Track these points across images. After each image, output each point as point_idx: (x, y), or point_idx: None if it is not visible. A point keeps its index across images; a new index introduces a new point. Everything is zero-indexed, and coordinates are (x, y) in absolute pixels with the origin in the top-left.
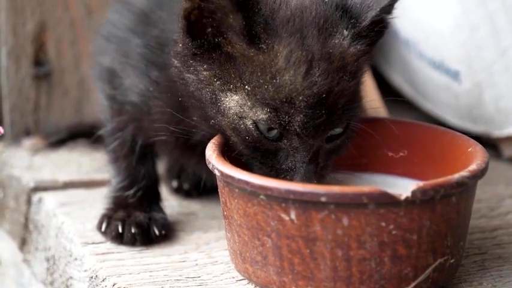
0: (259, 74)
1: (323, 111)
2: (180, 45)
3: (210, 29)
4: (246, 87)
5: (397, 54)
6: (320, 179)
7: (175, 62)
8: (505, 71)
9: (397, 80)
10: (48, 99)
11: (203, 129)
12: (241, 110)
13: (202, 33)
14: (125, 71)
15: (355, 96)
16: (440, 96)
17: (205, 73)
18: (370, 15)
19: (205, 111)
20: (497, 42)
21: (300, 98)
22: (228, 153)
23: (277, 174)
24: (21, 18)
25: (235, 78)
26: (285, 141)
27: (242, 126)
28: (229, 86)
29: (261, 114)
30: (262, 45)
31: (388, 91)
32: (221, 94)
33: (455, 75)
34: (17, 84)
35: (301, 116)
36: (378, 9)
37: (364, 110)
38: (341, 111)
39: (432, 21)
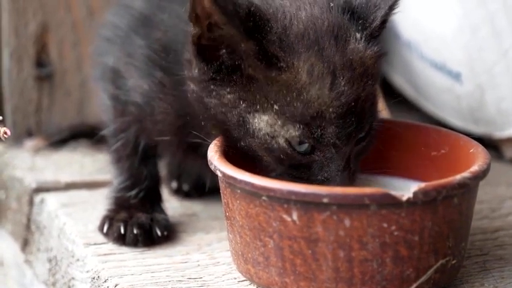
0: (285, 92)
1: (353, 119)
2: (196, 70)
3: (224, 53)
4: (275, 106)
5: (399, 55)
6: (353, 183)
7: (192, 85)
8: (507, 72)
9: (399, 81)
10: (50, 100)
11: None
12: (272, 130)
13: (216, 56)
14: (128, 71)
15: (374, 97)
16: (442, 98)
17: (229, 96)
18: (380, 14)
19: (230, 133)
20: (499, 43)
21: (330, 110)
22: (230, 154)
23: None
24: (23, 19)
25: (262, 99)
26: (318, 153)
27: (275, 145)
28: (256, 107)
29: (293, 132)
30: (282, 64)
31: (390, 92)
32: (248, 116)
33: (456, 76)
34: (19, 85)
35: (333, 127)
36: (387, 7)
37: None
38: (368, 115)
39: (433, 23)
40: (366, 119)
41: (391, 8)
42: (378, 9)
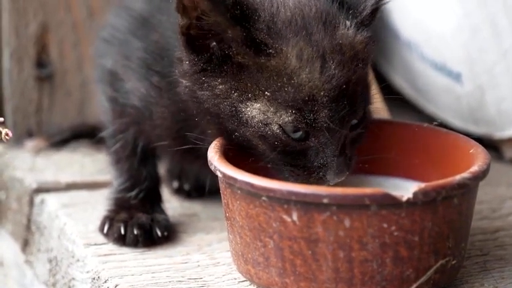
0: (275, 78)
1: (345, 102)
2: (187, 62)
3: (214, 43)
4: (266, 93)
5: (399, 56)
6: (350, 169)
7: (184, 81)
8: (507, 72)
9: (399, 81)
10: (50, 100)
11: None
12: (266, 117)
13: (206, 47)
14: (126, 74)
15: (366, 83)
16: (442, 98)
17: (220, 87)
18: (370, 3)
19: (224, 126)
20: (499, 43)
21: (322, 93)
22: (230, 154)
23: (309, 173)
24: (23, 19)
25: (253, 87)
26: (313, 139)
27: (269, 132)
28: (248, 95)
29: (286, 117)
30: (270, 50)
31: (390, 93)
32: (241, 105)
33: (457, 77)
34: (19, 85)
35: (326, 110)
36: None
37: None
38: (360, 99)
39: (434, 23)
40: (358, 102)
41: None
42: None
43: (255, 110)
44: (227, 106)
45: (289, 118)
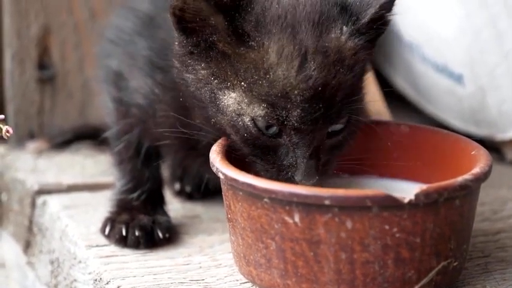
0: (253, 70)
1: (320, 105)
2: (177, 43)
3: (202, 29)
4: (242, 83)
5: (401, 57)
6: (322, 175)
7: (176, 62)
8: (508, 74)
9: (401, 83)
10: (52, 102)
11: (207, 131)
12: (239, 107)
13: (195, 31)
14: (131, 73)
15: (355, 91)
16: (443, 100)
17: (203, 72)
18: (370, 12)
19: (206, 111)
20: (500, 45)
21: (296, 92)
22: (232, 156)
23: (278, 171)
24: (25, 21)
25: (232, 76)
26: (285, 137)
27: (240, 123)
28: (227, 83)
29: (258, 111)
30: (252, 43)
31: (392, 94)
32: (219, 92)
33: (458, 78)
34: (21, 87)
35: (298, 110)
36: (377, 6)
37: (367, 113)
38: (340, 105)
39: (435, 24)
40: (335, 107)
41: (382, 7)
42: (370, 7)
43: (230, 99)
44: (207, 91)
45: (261, 112)
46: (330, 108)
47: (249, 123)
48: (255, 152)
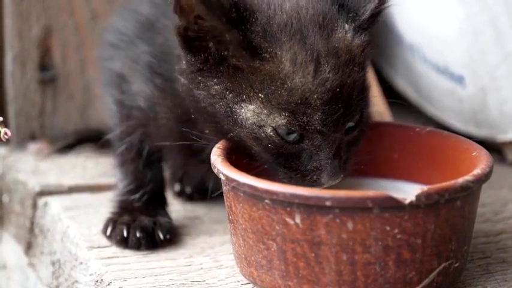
0: (269, 81)
1: (339, 105)
2: (184, 62)
3: (210, 44)
4: (260, 95)
5: (402, 58)
6: (345, 173)
7: (182, 79)
8: (509, 75)
9: (402, 84)
10: (53, 103)
11: (211, 140)
12: (259, 119)
13: (203, 47)
14: (133, 76)
15: (364, 86)
16: (444, 101)
17: (216, 87)
18: (370, 8)
19: (220, 125)
20: (501, 46)
21: (315, 96)
22: (233, 157)
23: (303, 176)
24: (26, 23)
25: (247, 89)
26: (307, 141)
27: (263, 134)
28: (243, 96)
29: (280, 120)
30: (265, 55)
31: (393, 95)
32: (236, 106)
33: (459, 79)
34: (22, 89)
35: (319, 113)
36: (377, 1)
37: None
38: (356, 102)
39: (436, 26)
40: (353, 106)
41: (382, 1)
42: (369, 2)
43: (249, 112)
44: (222, 106)
45: (283, 121)
46: (349, 107)
47: (271, 133)
48: (278, 161)
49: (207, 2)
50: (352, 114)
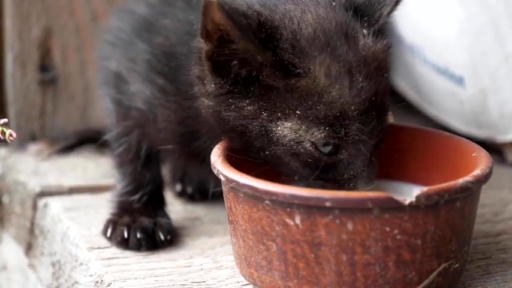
0: (305, 97)
1: (374, 113)
2: (212, 85)
3: (240, 66)
4: (297, 112)
5: (402, 59)
6: (376, 176)
7: (207, 101)
8: (509, 76)
9: (402, 85)
10: (53, 104)
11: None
12: (298, 135)
13: (231, 70)
14: (131, 76)
15: (388, 89)
16: (444, 102)
17: (249, 108)
18: (386, 11)
19: (251, 143)
20: (502, 47)
21: (352, 107)
22: (233, 158)
23: (340, 186)
24: (27, 24)
25: (282, 106)
26: (343, 151)
27: (302, 150)
28: (278, 114)
29: (318, 134)
30: (299, 71)
31: (393, 96)
32: (271, 124)
33: (459, 80)
34: (22, 89)
35: (357, 123)
36: (393, 3)
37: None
38: (387, 107)
39: (437, 27)
40: (385, 111)
41: (397, 3)
42: (383, 5)
43: (286, 129)
44: (256, 126)
45: (322, 135)
46: (382, 114)
47: (310, 148)
48: (316, 174)
49: (238, 25)
50: (384, 119)
